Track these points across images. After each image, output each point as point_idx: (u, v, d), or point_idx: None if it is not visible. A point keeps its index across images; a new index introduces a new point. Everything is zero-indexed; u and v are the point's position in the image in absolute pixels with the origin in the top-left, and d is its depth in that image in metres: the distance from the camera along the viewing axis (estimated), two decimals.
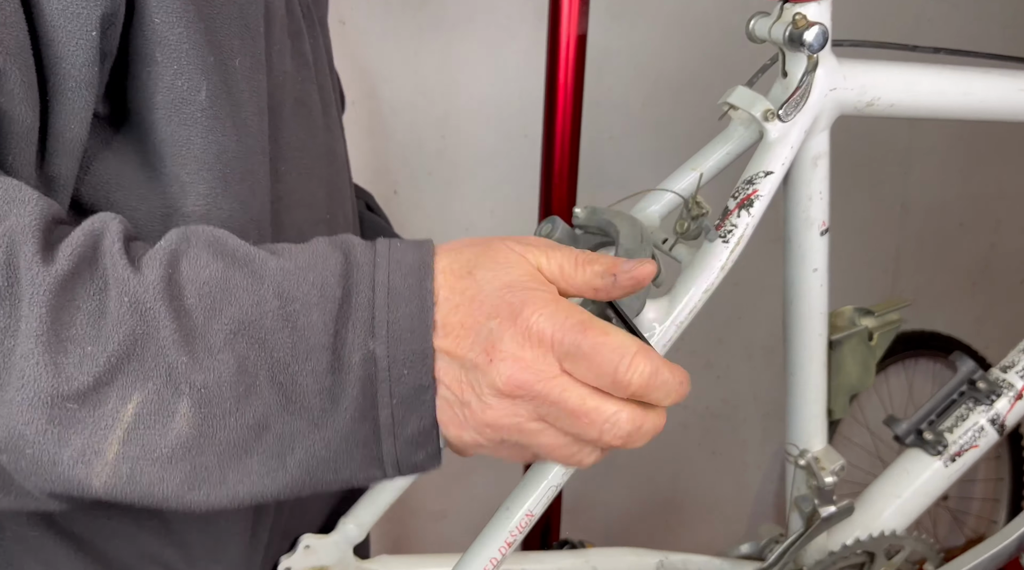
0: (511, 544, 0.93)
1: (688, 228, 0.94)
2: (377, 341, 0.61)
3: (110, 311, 0.57)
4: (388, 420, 0.63)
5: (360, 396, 0.61)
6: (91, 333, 0.57)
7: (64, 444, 0.57)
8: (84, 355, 0.56)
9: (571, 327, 0.63)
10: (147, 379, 0.58)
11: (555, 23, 1.29)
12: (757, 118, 0.94)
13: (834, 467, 1.13)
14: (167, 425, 0.59)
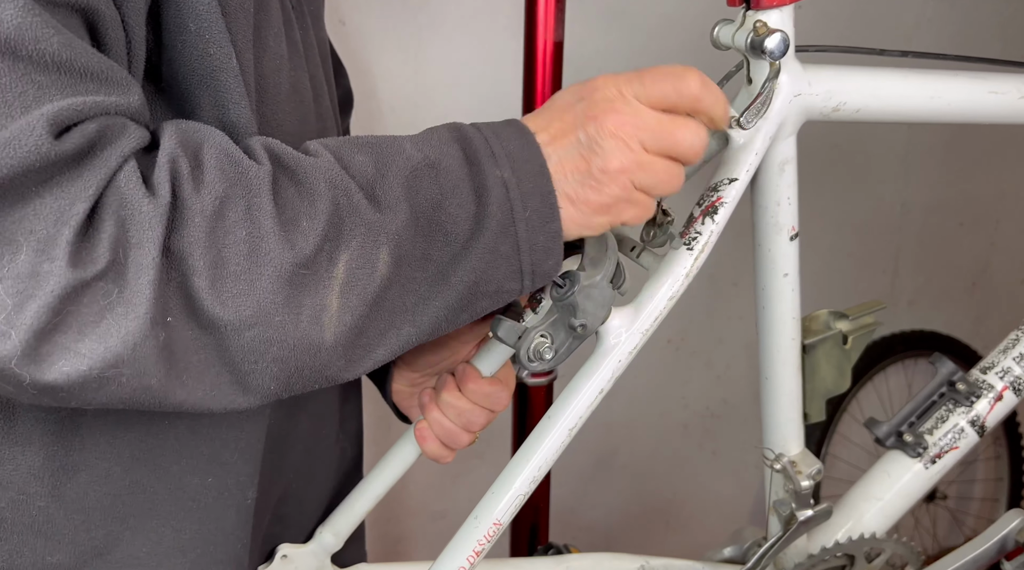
0: (479, 553, 0.94)
1: (654, 235, 0.94)
2: (503, 168, 0.75)
3: (309, 190, 0.69)
4: (524, 232, 0.76)
5: (499, 214, 0.75)
6: (303, 210, 0.68)
7: (301, 306, 0.68)
8: (304, 229, 0.68)
9: (633, 78, 0.84)
10: (351, 238, 0.70)
11: (531, 33, 1.30)
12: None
13: (810, 471, 1.13)
14: (373, 272, 0.71)
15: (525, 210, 0.75)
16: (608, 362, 0.93)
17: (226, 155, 0.67)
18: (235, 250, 0.65)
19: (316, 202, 0.68)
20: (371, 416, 1.98)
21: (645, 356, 0.96)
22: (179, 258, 0.64)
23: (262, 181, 0.67)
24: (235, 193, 0.66)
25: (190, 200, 0.64)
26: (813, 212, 2.26)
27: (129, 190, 0.62)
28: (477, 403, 0.97)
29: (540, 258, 0.77)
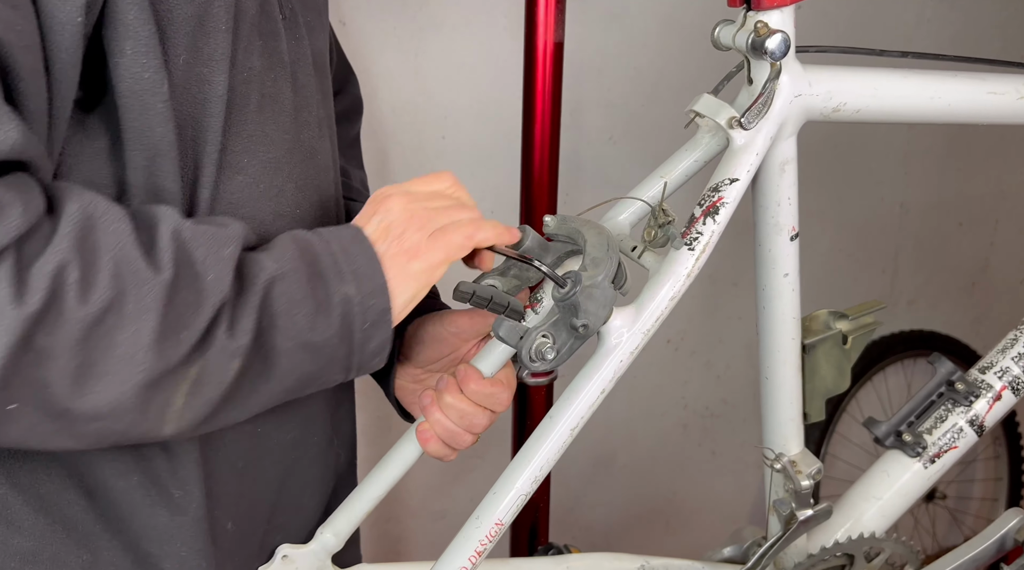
0: (481, 553, 0.94)
1: (655, 236, 0.95)
2: (346, 284, 0.79)
3: (199, 304, 0.71)
4: (360, 340, 0.81)
5: (340, 326, 0.79)
6: (187, 321, 0.70)
7: (150, 403, 0.71)
8: (182, 340, 0.70)
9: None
10: (213, 351, 0.72)
11: (531, 33, 1.30)
12: (722, 126, 0.95)
13: (810, 471, 1.13)
14: (223, 379, 0.74)
15: (364, 323, 0.80)
16: (610, 362, 0.93)
17: (124, 261, 0.68)
18: (107, 355, 0.67)
19: (199, 317, 0.71)
20: (371, 416, 1.99)
21: (645, 356, 0.97)
22: (45, 356, 0.65)
23: (155, 295, 0.68)
24: (123, 303, 0.67)
25: (71, 308, 0.65)
26: (813, 212, 2.27)
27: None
28: (478, 404, 0.97)
29: (367, 359, 0.83)
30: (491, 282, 0.93)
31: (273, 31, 0.86)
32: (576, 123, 1.92)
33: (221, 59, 0.79)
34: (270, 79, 0.86)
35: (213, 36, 0.78)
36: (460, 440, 0.99)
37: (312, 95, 0.93)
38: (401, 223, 0.84)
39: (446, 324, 1.01)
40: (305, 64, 0.92)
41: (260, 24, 0.84)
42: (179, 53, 0.76)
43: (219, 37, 0.79)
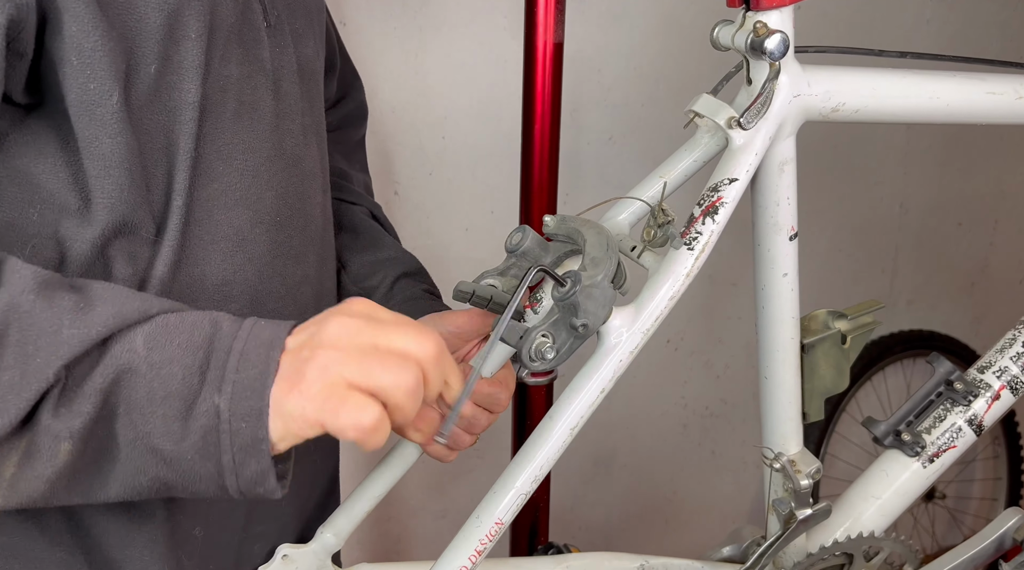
0: (481, 552, 0.94)
1: (655, 236, 0.95)
2: (222, 397, 0.71)
3: (15, 387, 0.67)
4: (230, 463, 0.72)
5: (202, 441, 0.71)
6: (5, 400, 0.67)
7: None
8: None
9: None
10: (32, 428, 0.68)
11: (531, 33, 1.30)
12: (721, 126, 0.95)
13: (809, 470, 1.13)
14: (53, 463, 0.69)
15: (232, 446, 0.72)
16: (609, 361, 0.93)
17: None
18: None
19: (20, 397, 0.67)
20: None
21: (645, 356, 0.97)
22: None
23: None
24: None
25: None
26: (812, 212, 2.27)
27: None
28: (478, 404, 0.97)
29: (248, 486, 0.75)
30: (491, 282, 0.93)
31: (255, 39, 0.86)
32: (576, 123, 1.92)
33: (192, 67, 0.79)
34: (249, 87, 0.86)
35: (184, 44, 0.78)
36: (459, 440, 0.99)
37: (297, 103, 0.93)
38: (318, 347, 0.73)
39: (446, 324, 1.02)
40: (290, 72, 0.91)
41: (241, 32, 0.84)
42: (149, 62, 0.76)
43: (189, 45, 0.78)
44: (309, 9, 0.98)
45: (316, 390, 0.71)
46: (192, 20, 0.78)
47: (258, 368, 0.72)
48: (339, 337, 0.72)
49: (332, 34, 1.20)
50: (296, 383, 0.71)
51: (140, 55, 0.76)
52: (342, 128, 1.27)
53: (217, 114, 0.82)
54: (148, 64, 0.76)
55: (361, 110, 1.30)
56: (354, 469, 1.95)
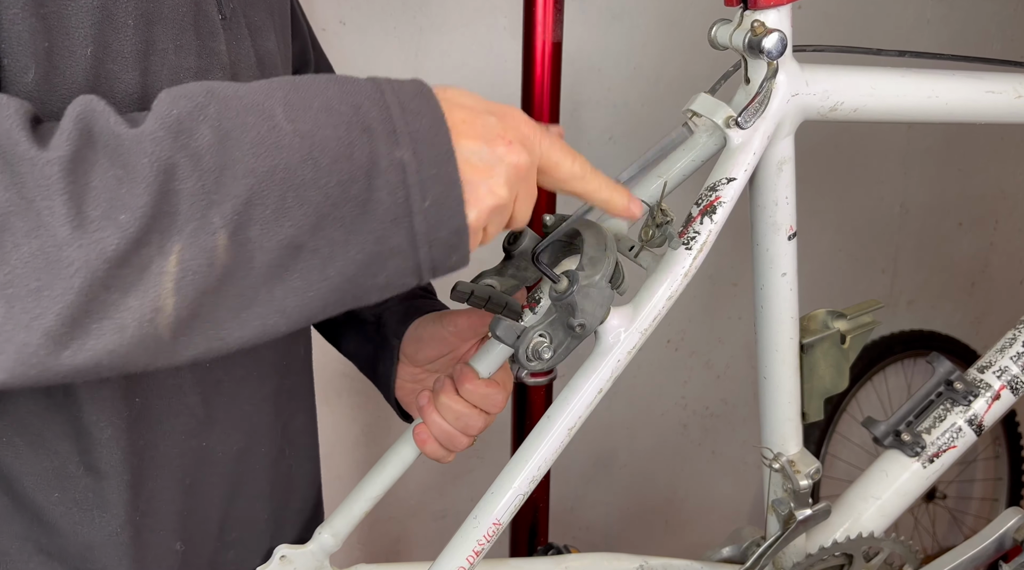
0: (479, 553, 0.94)
1: (653, 235, 0.95)
2: (402, 149, 0.66)
3: (128, 176, 0.60)
4: (423, 226, 0.67)
5: (391, 203, 0.66)
6: (117, 203, 0.59)
7: (126, 309, 0.60)
8: (118, 225, 0.59)
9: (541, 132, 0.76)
10: (182, 227, 0.61)
11: (529, 33, 1.30)
12: (719, 125, 0.95)
13: (809, 470, 1.13)
14: (211, 262, 0.62)
15: (424, 200, 0.67)
16: (607, 362, 0.93)
17: (6, 154, 0.59)
18: (28, 266, 0.58)
19: (136, 186, 0.60)
20: (371, 416, 1.99)
21: (645, 356, 0.97)
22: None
23: (49, 176, 0.58)
24: (16, 197, 0.58)
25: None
26: (812, 212, 2.27)
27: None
28: (474, 404, 0.97)
29: (441, 254, 0.70)
30: (489, 282, 0.93)
31: (211, 30, 0.83)
32: (576, 123, 1.92)
33: (132, 56, 0.74)
34: (207, 80, 0.82)
35: (122, 31, 0.73)
36: (456, 442, 0.99)
37: None
38: (476, 109, 0.72)
39: (445, 323, 1.01)
40: (248, 65, 0.89)
41: (197, 23, 0.81)
42: (84, 44, 0.71)
43: (128, 32, 0.74)
44: (269, 2, 0.94)
45: (489, 131, 0.71)
46: (131, 6, 0.74)
47: (428, 116, 0.68)
48: (472, 99, 0.73)
49: (304, 27, 1.18)
50: (463, 131, 0.70)
51: (71, 36, 0.71)
52: None
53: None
54: (83, 46, 0.71)
55: None
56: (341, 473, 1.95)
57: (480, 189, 0.70)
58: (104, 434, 0.81)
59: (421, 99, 0.69)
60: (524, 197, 0.75)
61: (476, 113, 0.72)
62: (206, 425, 0.90)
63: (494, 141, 0.71)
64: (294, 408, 1.04)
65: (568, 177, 0.79)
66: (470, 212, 0.70)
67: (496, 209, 0.71)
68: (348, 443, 2.00)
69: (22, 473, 0.81)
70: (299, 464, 1.06)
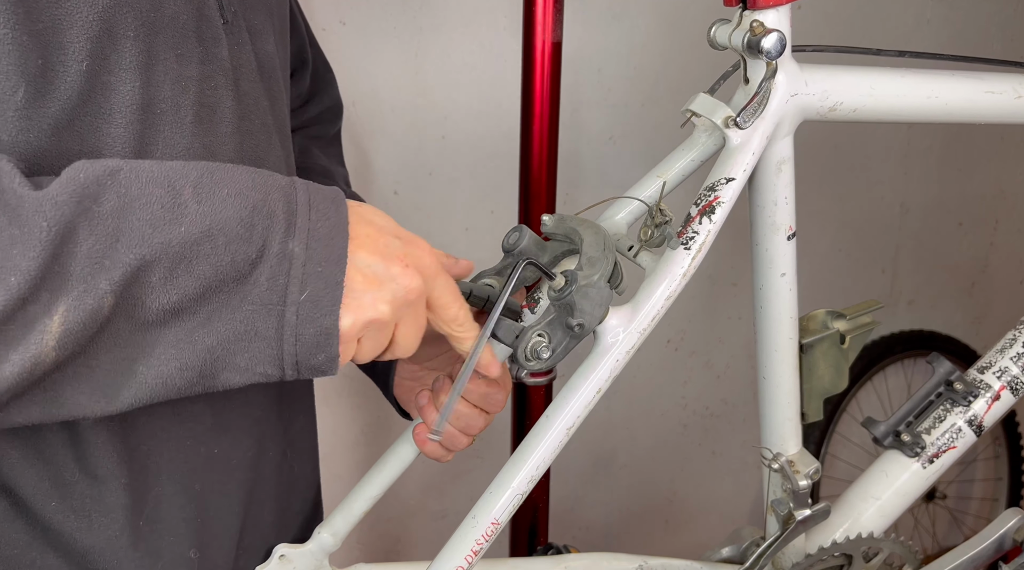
0: (477, 553, 0.94)
1: (652, 235, 0.95)
2: (296, 242, 0.69)
3: (23, 237, 0.61)
4: (292, 317, 0.69)
5: (268, 288, 0.68)
6: (9, 264, 0.61)
7: (6, 361, 0.62)
8: (6, 286, 0.60)
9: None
10: (69, 287, 0.63)
11: (529, 33, 1.30)
12: (718, 125, 0.95)
13: (808, 471, 1.13)
14: (95, 319, 0.64)
15: (301, 293, 0.70)
16: (606, 361, 0.93)
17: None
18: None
19: (29, 248, 0.61)
20: (371, 416, 1.99)
21: (645, 356, 0.97)
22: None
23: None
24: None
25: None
26: (812, 212, 2.27)
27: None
28: (474, 404, 0.97)
29: (306, 351, 0.72)
30: (488, 281, 0.93)
31: (213, 36, 0.82)
32: (576, 123, 1.92)
33: (132, 67, 0.74)
34: (209, 87, 0.82)
35: (122, 43, 0.73)
36: (456, 442, 0.99)
37: (258, 102, 0.90)
38: (384, 229, 0.75)
39: None
40: (249, 70, 0.88)
41: (199, 30, 0.81)
42: (81, 59, 0.71)
43: (127, 44, 0.74)
44: (268, 4, 0.94)
45: (389, 250, 0.74)
46: (128, 18, 0.73)
47: (332, 220, 0.71)
48: (384, 220, 0.76)
49: (302, 27, 1.17)
50: (363, 244, 0.72)
51: (66, 51, 0.70)
52: (319, 123, 1.26)
53: (178, 118, 0.78)
54: (78, 61, 0.71)
55: (337, 104, 1.28)
56: (341, 473, 1.95)
57: (364, 299, 0.72)
58: (99, 438, 0.81)
59: (331, 204, 0.73)
60: (410, 323, 0.77)
61: (383, 232, 0.75)
62: (215, 432, 0.90)
63: (391, 260, 0.74)
64: (296, 410, 1.04)
65: (451, 320, 0.81)
66: (345, 317, 0.72)
67: (374, 324, 0.73)
68: (348, 443, 2.00)
69: (20, 481, 0.81)
70: (300, 465, 1.07)
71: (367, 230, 0.74)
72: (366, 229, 0.74)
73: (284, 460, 1.02)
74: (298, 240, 0.69)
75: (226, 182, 0.69)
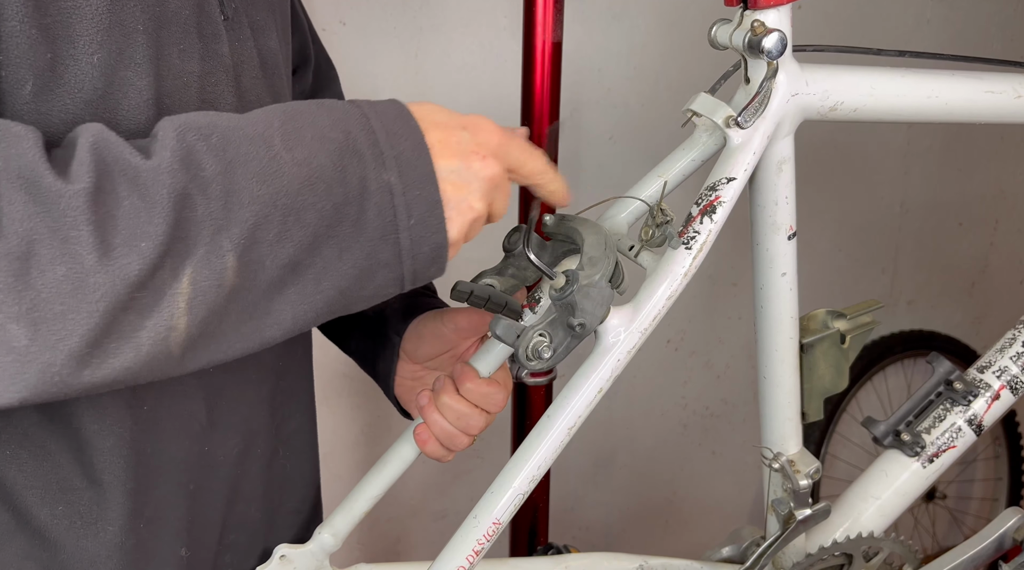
0: (479, 553, 0.94)
1: (653, 235, 0.95)
2: (389, 171, 0.72)
3: (146, 206, 0.63)
4: (407, 242, 0.73)
5: (379, 222, 0.72)
6: (138, 231, 0.63)
7: (142, 329, 0.64)
8: (139, 252, 0.63)
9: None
10: (193, 251, 0.65)
11: (529, 33, 1.30)
12: (719, 125, 0.95)
13: (808, 470, 1.13)
14: (220, 283, 0.66)
15: (409, 218, 0.73)
16: (607, 361, 0.93)
17: (26, 183, 0.61)
18: (55, 290, 0.61)
19: (154, 215, 0.63)
20: (371, 416, 1.99)
21: (645, 356, 0.97)
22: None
23: (76, 207, 0.61)
24: (43, 227, 0.60)
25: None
26: (813, 211, 2.27)
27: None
28: (474, 404, 0.97)
29: (423, 266, 0.76)
30: (489, 281, 0.93)
31: (214, 32, 0.82)
32: (576, 123, 1.92)
33: (144, 62, 0.74)
34: (210, 83, 0.82)
35: (133, 37, 0.74)
36: (457, 441, 0.99)
37: (260, 98, 0.90)
38: (450, 125, 0.78)
39: (445, 321, 1.01)
40: (251, 66, 0.88)
41: (200, 25, 0.81)
42: (92, 52, 0.71)
43: (139, 38, 0.74)
44: (270, 0, 0.94)
45: (463, 147, 0.76)
46: (137, 10, 0.74)
47: (410, 139, 0.74)
48: (445, 115, 0.79)
49: (304, 24, 1.17)
50: (440, 151, 0.75)
51: (76, 44, 0.70)
52: None
53: (179, 112, 0.76)
54: (89, 54, 0.71)
55: None
56: (341, 473, 1.95)
57: (461, 205, 0.76)
58: (106, 443, 0.81)
59: (401, 122, 0.75)
60: (500, 198, 0.81)
61: (450, 130, 0.77)
62: (208, 429, 0.90)
63: (469, 157, 0.77)
64: (290, 409, 1.04)
65: (533, 173, 0.85)
66: (451, 228, 0.76)
67: (474, 221, 0.78)
68: (348, 443, 2.00)
69: (25, 488, 0.81)
70: (294, 465, 1.06)
71: (439, 135, 0.76)
72: (437, 134, 0.76)
73: (275, 459, 1.02)
74: (389, 170, 0.72)
75: (307, 125, 0.72)
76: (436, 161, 0.75)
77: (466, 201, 0.76)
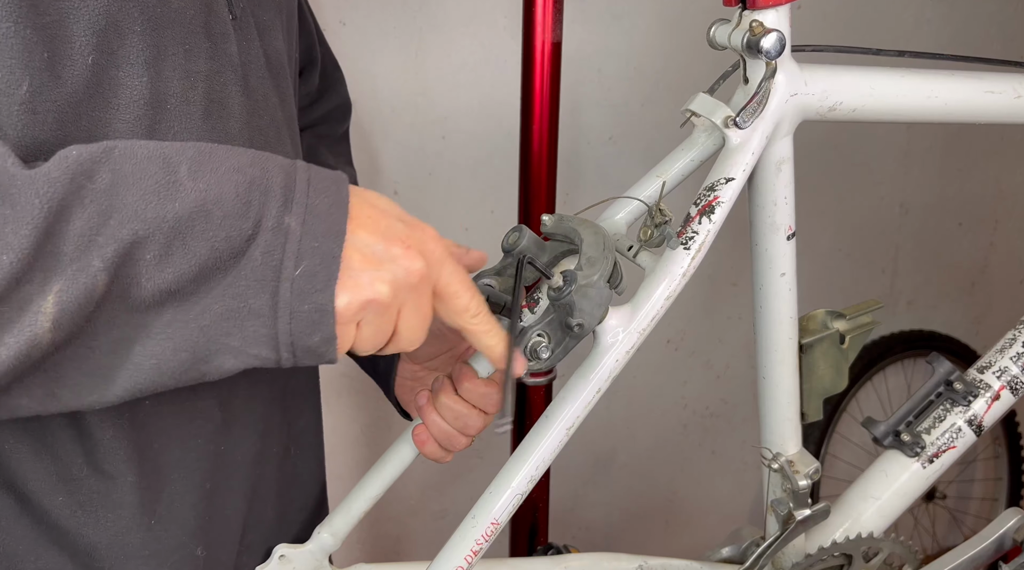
0: (477, 553, 0.94)
1: (651, 235, 0.95)
2: (293, 216, 0.67)
3: (15, 216, 0.60)
4: (287, 294, 0.67)
5: (263, 262, 0.66)
6: (1, 243, 0.59)
7: (1, 344, 0.61)
8: (2, 263, 0.59)
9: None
10: (64, 268, 0.61)
11: (528, 33, 1.30)
12: (718, 125, 0.95)
13: (808, 470, 1.13)
14: (90, 300, 0.62)
15: (295, 269, 0.67)
16: (606, 361, 0.93)
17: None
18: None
19: (21, 226, 0.60)
20: (371, 416, 1.99)
21: (645, 356, 0.97)
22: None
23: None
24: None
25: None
26: (812, 212, 2.27)
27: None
28: (473, 404, 0.97)
29: (302, 329, 0.69)
30: (488, 281, 0.93)
31: (222, 32, 0.82)
32: (575, 123, 1.92)
33: (140, 62, 0.74)
34: (218, 83, 0.82)
35: (129, 38, 0.73)
36: (455, 442, 0.99)
37: (267, 98, 0.90)
38: (387, 212, 0.73)
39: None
40: (258, 66, 0.88)
41: (208, 25, 0.81)
42: (87, 52, 0.71)
43: (135, 39, 0.73)
44: (277, 1, 0.94)
45: (391, 232, 0.71)
46: (135, 12, 0.73)
47: (331, 198, 0.69)
48: (388, 204, 0.74)
49: (311, 24, 1.17)
50: (363, 223, 0.70)
51: (73, 44, 0.70)
52: (328, 122, 1.25)
53: (187, 113, 0.78)
54: (84, 55, 0.71)
55: (345, 103, 1.28)
56: (341, 473, 1.95)
57: (361, 277, 0.69)
58: (105, 434, 0.81)
59: (332, 183, 0.70)
60: (413, 311, 0.74)
61: (386, 215, 0.72)
62: (223, 429, 0.90)
63: (393, 241, 0.71)
64: (300, 407, 1.04)
65: (461, 310, 0.78)
66: (341, 295, 0.69)
67: (372, 305, 0.70)
68: (348, 443, 2.00)
69: (27, 476, 0.81)
70: (304, 463, 1.07)
71: (369, 211, 0.71)
72: (368, 210, 0.71)
73: (287, 457, 1.02)
74: (295, 215, 0.67)
75: (224, 160, 0.68)
76: (353, 229, 0.70)
77: (370, 277, 0.70)
